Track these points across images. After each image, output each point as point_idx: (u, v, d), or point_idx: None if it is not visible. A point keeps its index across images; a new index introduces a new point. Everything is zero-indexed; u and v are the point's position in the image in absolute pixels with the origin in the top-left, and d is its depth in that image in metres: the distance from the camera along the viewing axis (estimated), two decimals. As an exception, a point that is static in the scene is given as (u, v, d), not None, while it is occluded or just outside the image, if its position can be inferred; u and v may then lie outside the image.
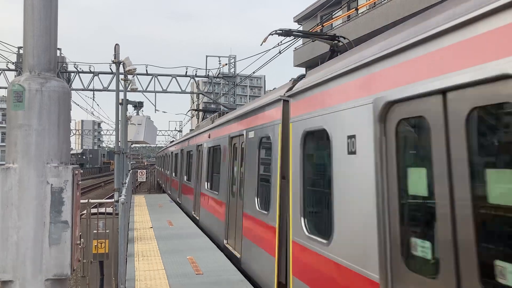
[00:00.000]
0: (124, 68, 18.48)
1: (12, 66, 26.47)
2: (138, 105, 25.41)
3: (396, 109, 3.66)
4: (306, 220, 5.43)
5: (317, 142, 5.33)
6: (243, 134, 8.91)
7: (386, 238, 3.69)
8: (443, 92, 3.13)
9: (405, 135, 3.62)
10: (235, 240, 9.30)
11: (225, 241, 10.15)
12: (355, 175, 4.20)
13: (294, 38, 13.89)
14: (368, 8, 22.43)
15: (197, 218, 14.37)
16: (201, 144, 14.57)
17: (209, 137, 13.10)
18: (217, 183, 11.37)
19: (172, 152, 25.59)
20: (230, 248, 9.61)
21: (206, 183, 13.00)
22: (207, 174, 12.96)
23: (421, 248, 3.35)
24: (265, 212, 6.96)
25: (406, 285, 3.44)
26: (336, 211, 4.53)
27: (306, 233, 5.28)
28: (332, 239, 4.59)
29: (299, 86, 5.86)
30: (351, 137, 4.27)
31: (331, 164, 4.66)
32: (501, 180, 2.68)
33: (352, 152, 4.27)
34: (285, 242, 6.14)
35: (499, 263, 2.66)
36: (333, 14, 19.22)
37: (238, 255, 8.56)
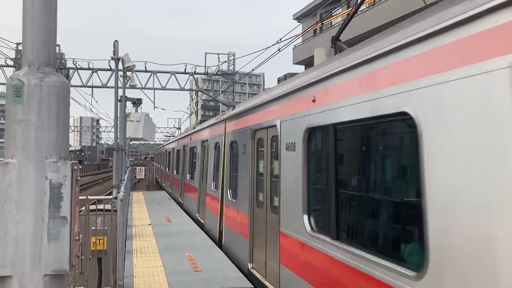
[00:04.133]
0: (123, 65, 18.47)
1: (11, 62, 26.39)
2: (137, 102, 25.39)
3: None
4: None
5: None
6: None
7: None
8: None
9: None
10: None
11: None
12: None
13: (294, 37, 13.89)
14: (368, 6, 22.40)
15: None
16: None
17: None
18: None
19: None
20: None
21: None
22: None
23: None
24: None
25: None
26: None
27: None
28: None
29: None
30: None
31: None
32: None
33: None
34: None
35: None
36: (332, 11, 19.19)
37: None
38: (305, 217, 5.56)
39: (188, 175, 17.29)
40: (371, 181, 4.51)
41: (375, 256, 3.98)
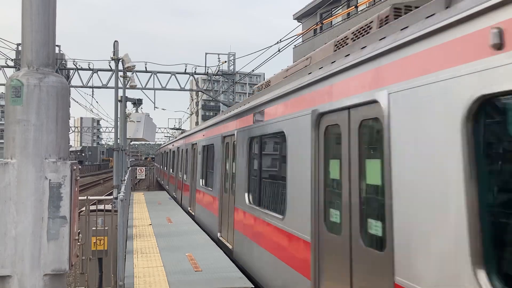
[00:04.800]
0: (123, 65, 18.47)
1: (11, 63, 26.41)
2: (137, 102, 25.39)
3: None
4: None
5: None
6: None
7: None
8: None
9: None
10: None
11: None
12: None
13: (294, 37, 13.87)
14: (367, 5, 22.40)
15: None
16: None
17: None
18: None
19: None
20: None
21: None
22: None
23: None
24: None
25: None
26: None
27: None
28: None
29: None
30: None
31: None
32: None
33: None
34: None
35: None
36: (333, 11, 19.19)
37: None
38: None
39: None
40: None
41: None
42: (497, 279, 2.59)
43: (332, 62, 5.11)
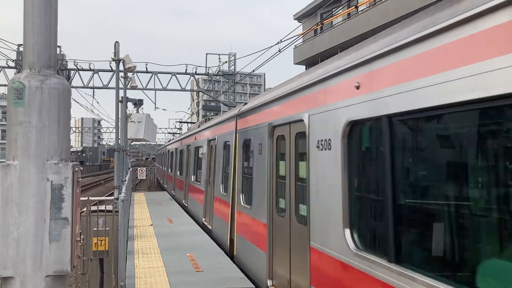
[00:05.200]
0: (124, 66, 18.50)
1: (12, 64, 26.44)
2: (138, 103, 25.41)
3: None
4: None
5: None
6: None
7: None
8: None
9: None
10: None
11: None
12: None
13: (294, 37, 13.89)
14: (368, 6, 22.40)
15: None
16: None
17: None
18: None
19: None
20: None
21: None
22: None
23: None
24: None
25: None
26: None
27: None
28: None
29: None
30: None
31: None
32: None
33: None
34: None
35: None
36: (333, 11, 19.19)
37: None
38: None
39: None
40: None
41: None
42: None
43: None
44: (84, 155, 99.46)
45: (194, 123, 34.23)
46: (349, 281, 4.35)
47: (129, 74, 20.69)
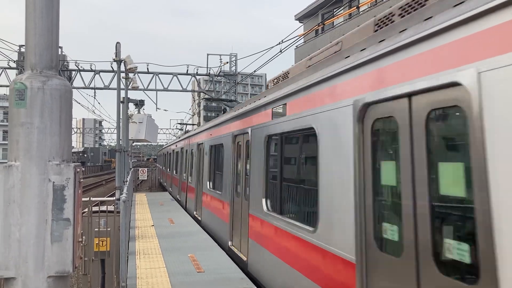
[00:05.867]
0: (125, 67, 18.52)
1: (14, 65, 26.48)
2: (139, 103, 25.44)
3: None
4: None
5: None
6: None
7: None
8: None
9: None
10: None
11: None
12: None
13: (295, 38, 13.92)
14: (369, 6, 22.40)
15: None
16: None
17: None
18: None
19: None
20: None
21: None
22: None
23: None
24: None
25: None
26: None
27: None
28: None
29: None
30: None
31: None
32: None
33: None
34: None
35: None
36: (334, 12, 19.19)
37: None
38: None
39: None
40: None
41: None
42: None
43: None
44: (85, 155, 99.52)
45: (195, 124, 33.96)
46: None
47: (130, 75, 20.72)
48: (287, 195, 6.72)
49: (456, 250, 3.17)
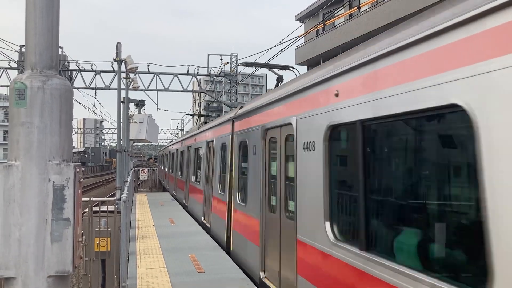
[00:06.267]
0: (125, 67, 18.52)
1: (14, 65, 26.49)
2: (139, 104, 25.46)
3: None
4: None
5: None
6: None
7: None
8: None
9: None
10: None
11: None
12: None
13: (296, 38, 13.91)
14: (370, 6, 22.38)
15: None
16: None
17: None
18: None
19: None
20: None
21: None
22: None
23: None
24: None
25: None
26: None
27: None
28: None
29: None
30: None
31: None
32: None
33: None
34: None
35: None
36: (335, 12, 19.19)
37: None
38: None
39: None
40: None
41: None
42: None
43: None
44: (86, 155, 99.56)
45: (208, 115, 33.23)
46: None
47: (131, 75, 20.72)
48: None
49: None
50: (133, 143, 33.31)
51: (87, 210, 9.05)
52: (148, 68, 28.18)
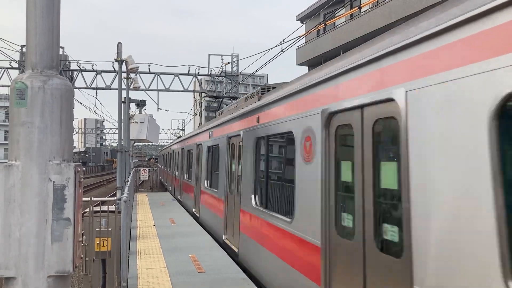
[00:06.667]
0: (126, 67, 18.52)
1: (15, 65, 26.51)
2: (140, 104, 25.44)
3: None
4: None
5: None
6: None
7: None
8: None
9: None
10: None
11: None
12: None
13: (297, 38, 13.91)
14: (371, 6, 22.37)
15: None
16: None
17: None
18: None
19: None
20: None
21: None
22: None
23: None
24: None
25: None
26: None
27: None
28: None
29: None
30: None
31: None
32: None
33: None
34: None
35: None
36: (335, 12, 19.18)
37: None
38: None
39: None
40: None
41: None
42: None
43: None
44: (87, 155, 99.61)
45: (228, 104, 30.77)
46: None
47: (132, 75, 20.72)
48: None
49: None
50: (134, 143, 33.32)
51: (87, 210, 9.05)
52: (149, 68, 28.19)
